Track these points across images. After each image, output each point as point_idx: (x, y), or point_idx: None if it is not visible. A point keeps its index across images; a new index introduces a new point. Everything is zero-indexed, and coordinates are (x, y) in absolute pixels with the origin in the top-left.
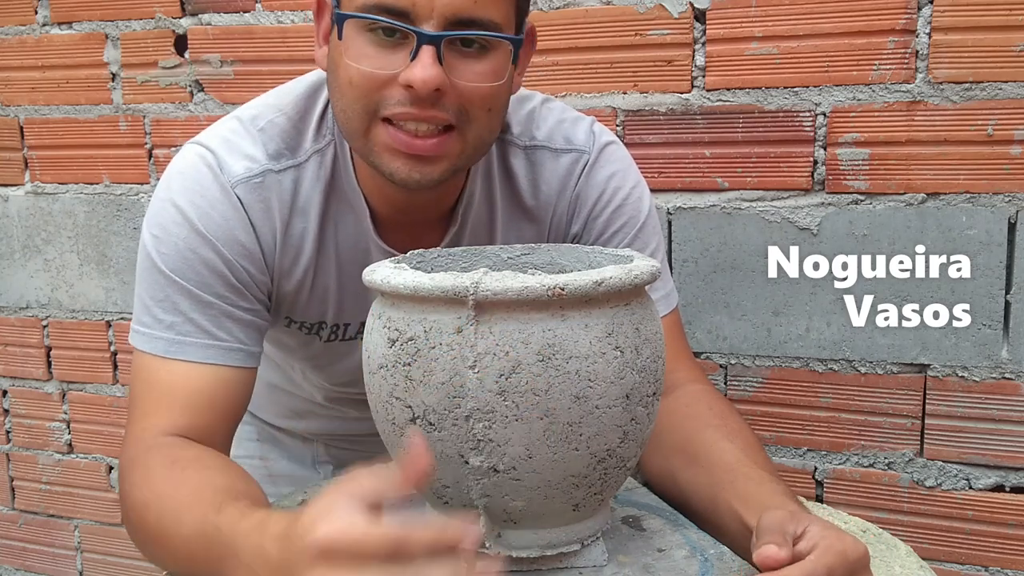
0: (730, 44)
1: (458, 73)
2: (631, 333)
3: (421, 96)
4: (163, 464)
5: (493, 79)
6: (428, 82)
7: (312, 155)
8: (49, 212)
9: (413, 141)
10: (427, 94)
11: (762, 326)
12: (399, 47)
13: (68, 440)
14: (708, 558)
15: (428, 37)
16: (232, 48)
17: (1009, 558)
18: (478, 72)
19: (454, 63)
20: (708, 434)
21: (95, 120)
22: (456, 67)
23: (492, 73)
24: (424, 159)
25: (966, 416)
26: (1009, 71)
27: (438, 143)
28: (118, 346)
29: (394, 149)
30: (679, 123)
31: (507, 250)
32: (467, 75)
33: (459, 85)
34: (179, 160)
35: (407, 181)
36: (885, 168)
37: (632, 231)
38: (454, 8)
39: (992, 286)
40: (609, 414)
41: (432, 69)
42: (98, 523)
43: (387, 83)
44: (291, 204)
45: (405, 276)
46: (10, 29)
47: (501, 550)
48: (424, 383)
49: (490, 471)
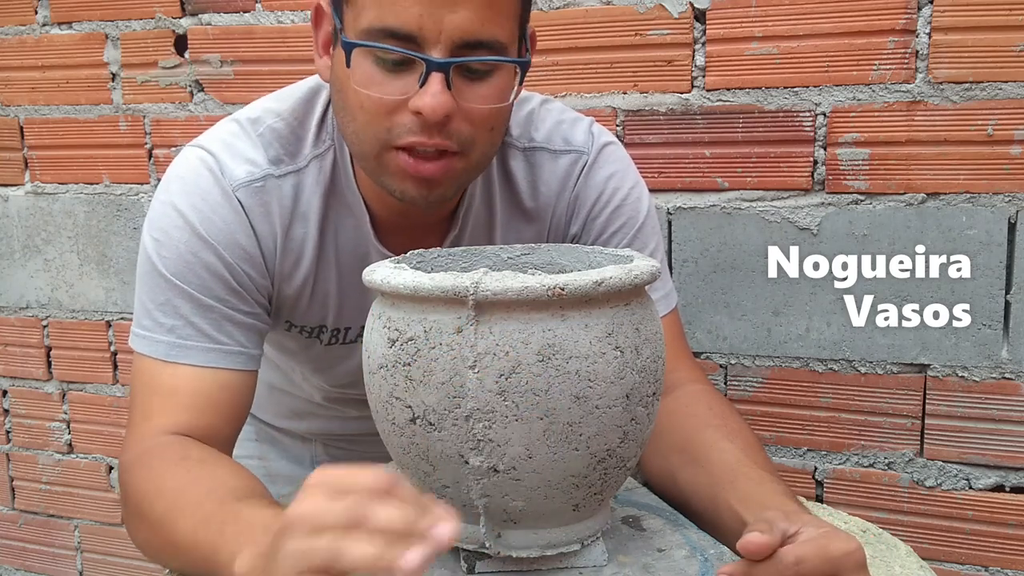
0: (730, 44)
1: (465, 97)
2: (631, 333)
3: (430, 123)
4: (172, 460)
5: (499, 100)
6: (438, 110)
7: (312, 160)
8: (49, 212)
9: (421, 165)
10: (436, 121)
11: (762, 326)
12: (407, 71)
13: (68, 440)
14: (708, 558)
15: (437, 64)
16: (232, 48)
17: (1009, 558)
18: (484, 95)
19: (461, 87)
20: (708, 434)
21: (95, 120)
22: (463, 91)
23: (498, 95)
24: (431, 182)
25: (966, 416)
26: (1009, 71)
27: (444, 164)
28: (118, 346)
29: (405, 172)
30: (679, 123)
31: (507, 250)
32: (474, 98)
33: (466, 108)
34: (179, 163)
35: (416, 200)
36: (885, 168)
37: (631, 231)
38: (461, 31)
39: (992, 286)
40: (609, 414)
41: (442, 96)
42: (98, 523)
43: (397, 108)
44: (292, 209)
45: (405, 276)
46: (10, 29)
47: (501, 550)
48: (424, 383)
49: (490, 471)
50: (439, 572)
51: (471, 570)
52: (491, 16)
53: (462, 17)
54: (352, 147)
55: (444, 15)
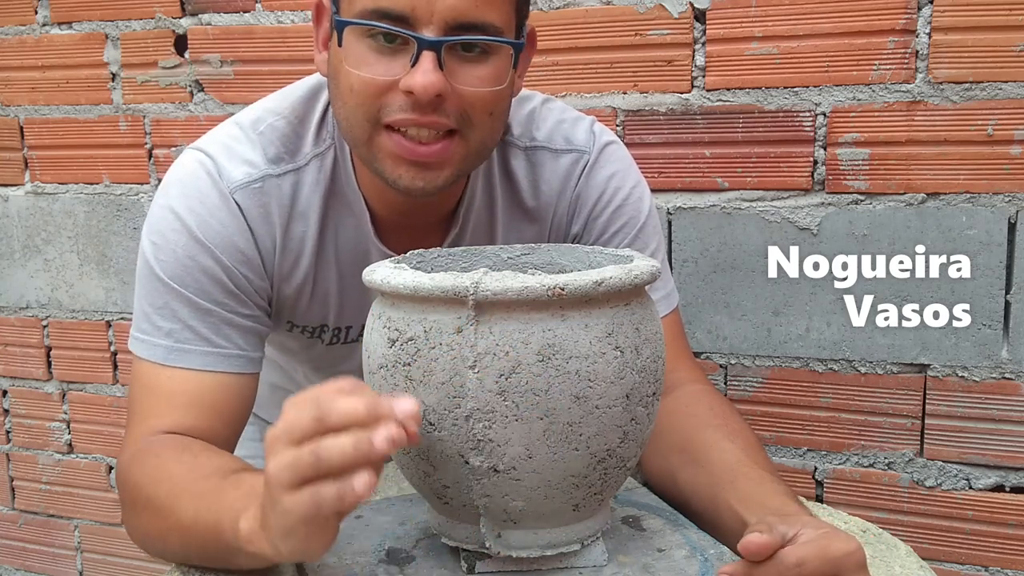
0: (730, 44)
1: (459, 78)
2: (631, 333)
3: (422, 102)
4: (173, 450)
5: (494, 83)
6: (429, 88)
7: (312, 159)
8: (49, 212)
9: (417, 148)
10: (428, 100)
11: (762, 326)
12: (399, 53)
13: (68, 440)
14: (708, 558)
15: (428, 43)
16: (232, 48)
17: (1009, 558)
18: (479, 77)
19: (455, 68)
20: (708, 434)
21: (95, 120)
22: (457, 72)
23: (493, 77)
24: (427, 165)
25: (966, 416)
26: (1009, 71)
27: (441, 148)
28: (118, 346)
29: (398, 156)
30: (679, 123)
31: (507, 250)
32: (468, 80)
33: (460, 90)
34: (178, 166)
35: (411, 189)
36: (885, 168)
37: (632, 231)
38: (455, 12)
39: (992, 286)
40: (609, 414)
41: (433, 75)
42: (98, 523)
43: (388, 89)
44: (290, 208)
45: (405, 276)
46: (10, 29)
47: (501, 550)
48: (424, 383)
49: (490, 471)
50: (439, 572)
51: (471, 570)
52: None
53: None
54: (346, 135)
55: None
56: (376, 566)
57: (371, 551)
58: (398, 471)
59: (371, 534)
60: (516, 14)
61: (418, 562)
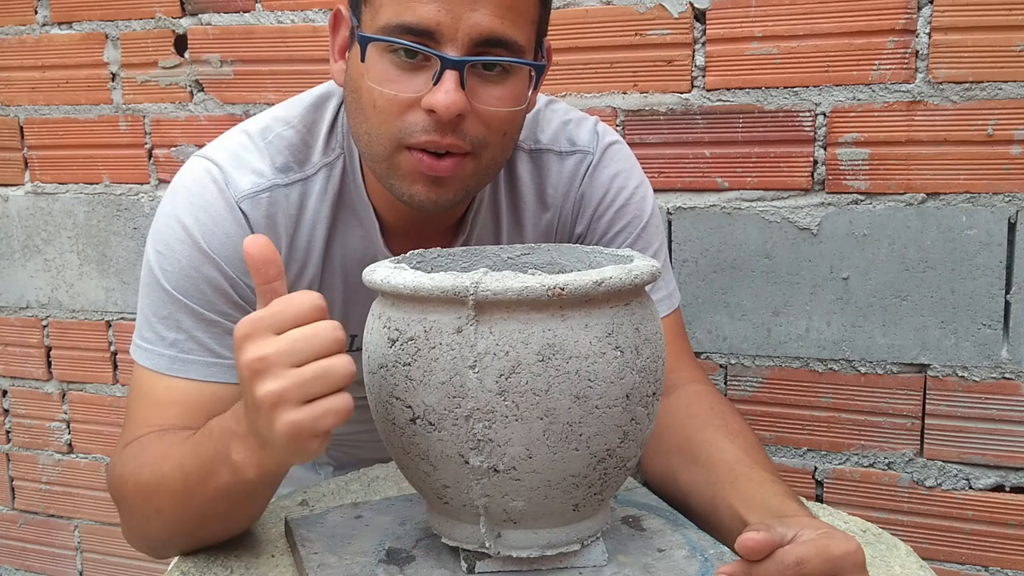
0: (730, 44)
1: (479, 97)
2: (631, 333)
3: (443, 121)
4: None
5: (513, 103)
6: (451, 107)
7: (321, 168)
8: (49, 212)
9: (435, 163)
10: (449, 119)
11: (762, 326)
12: (422, 69)
13: (68, 440)
14: (708, 558)
15: (452, 62)
16: (232, 48)
17: (1009, 558)
18: (498, 97)
19: (475, 87)
20: (709, 434)
21: (95, 120)
22: (477, 91)
23: (512, 98)
24: (441, 181)
25: (966, 416)
26: (1009, 71)
27: (454, 164)
28: (118, 346)
29: (417, 172)
30: (679, 123)
31: (507, 250)
32: (488, 100)
33: (479, 109)
34: (185, 174)
35: (424, 204)
36: (885, 168)
37: (635, 231)
38: (480, 29)
39: (992, 286)
40: (609, 414)
41: (455, 95)
42: (98, 523)
43: (410, 106)
44: (297, 218)
45: (405, 276)
46: (10, 29)
47: (501, 550)
48: (424, 383)
49: (490, 471)
50: (439, 572)
51: (471, 570)
52: (510, 17)
53: (481, 15)
54: (364, 149)
55: (463, 12)
56: (376, 566)
57: (371, 551)
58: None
59: (371, 534)
60: (537, 33)
61: (418, 562)
